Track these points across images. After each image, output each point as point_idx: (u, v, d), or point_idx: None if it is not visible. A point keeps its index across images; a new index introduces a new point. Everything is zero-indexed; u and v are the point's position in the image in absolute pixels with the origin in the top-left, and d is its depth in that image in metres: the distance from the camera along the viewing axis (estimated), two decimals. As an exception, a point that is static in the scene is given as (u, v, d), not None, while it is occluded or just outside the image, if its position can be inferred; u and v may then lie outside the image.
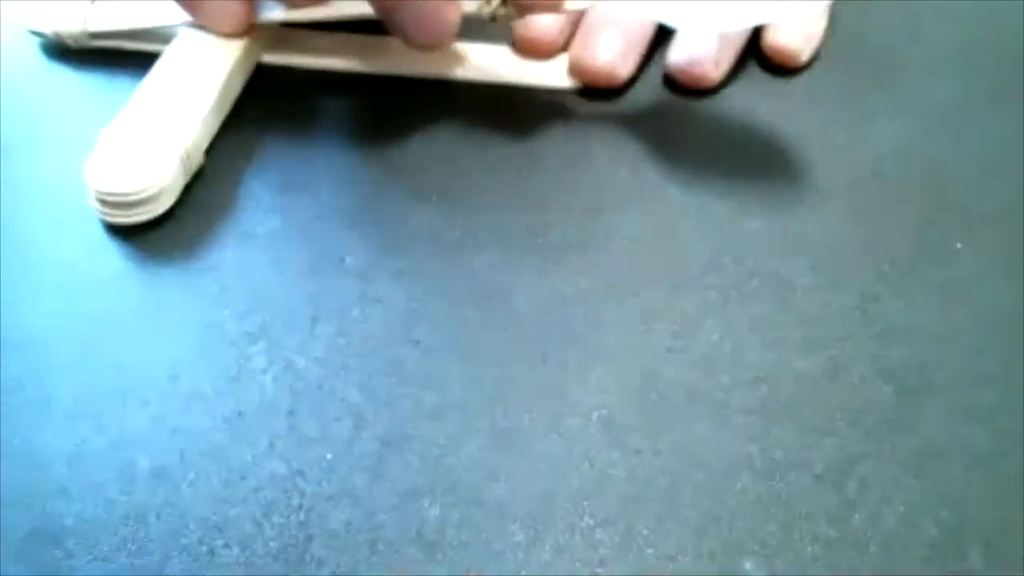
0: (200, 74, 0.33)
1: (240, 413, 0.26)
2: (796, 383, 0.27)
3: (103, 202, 0.30)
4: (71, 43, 0.37)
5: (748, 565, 0.24)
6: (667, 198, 0.33)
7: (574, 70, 0.36)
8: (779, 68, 0.38)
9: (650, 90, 0.37)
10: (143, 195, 0.30)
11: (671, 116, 0.36)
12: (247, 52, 0.35)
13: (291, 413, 0.26)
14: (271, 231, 0.31)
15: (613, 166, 0.34)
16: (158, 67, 0.34)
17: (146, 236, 0.31)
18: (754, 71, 0.38)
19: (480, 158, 0.34)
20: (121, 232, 0.31)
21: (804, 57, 0.37)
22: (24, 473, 0.25)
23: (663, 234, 0.32)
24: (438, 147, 0.34)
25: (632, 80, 0.37)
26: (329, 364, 0.28)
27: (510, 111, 0.36)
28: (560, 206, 0.32)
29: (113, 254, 0.30)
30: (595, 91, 0.36)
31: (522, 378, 0.27)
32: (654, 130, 0.35)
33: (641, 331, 0.29)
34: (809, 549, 0.24)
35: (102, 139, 0.31)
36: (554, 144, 0.34)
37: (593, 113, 0.36)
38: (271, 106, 0.35)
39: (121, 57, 0.37)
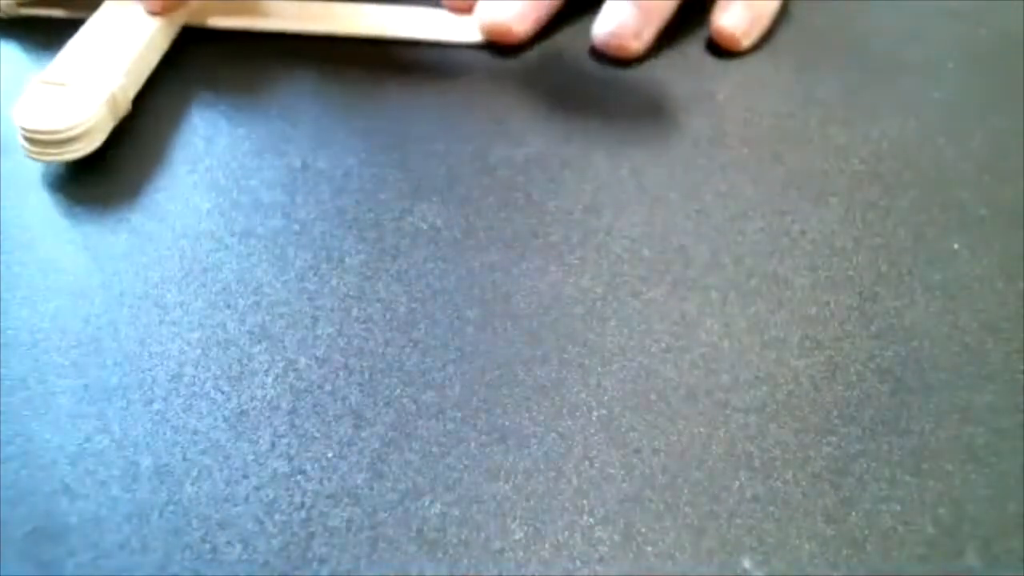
0: (125, 30, 0.36)
1: (242, 412, 0.26)
2: (795, 383, 0.28)
3: (32, 141, 0.32)
4: (0, 14, 0.38)
5: (746, 563, 0.24)
6: (667, 198, 0.33)
7: (480, 27, 0.39)
8: (723, 51, 0.39)
9: (651, 93, 0.37)
10: (71, 133, 0.32)
11: (670, 117, 0.36)
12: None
13: (292, 412, 0.26)
14: (272, 231, 0.31)
15: (613, 166, 0.34)
16: (86, 27, 0.36)
17: (146, 235, 0.31)
18: (753, 71, 0.38)
19: (480, 158, 0.34)
20: (122, 231, 0.31)
21: (747, 42, 0.39)
22: (27, 471, 0.25)
23: (663, 234, 0.32)
24: (438, 147, 0.34)
25: (632, 78, 0.37)
26: (329, 364, 0.28)
27: (511, 111, 0.36)
28: (560, 206, 0.32)
29: (114, 254, 0.30)
30: (598, 90, 0.36)
31: (522, 378, 0.27)
32: (654, 132, 0.35)
33: (641, 331, 0.29)
34: (807, 547, 0.24)
35: (31, 83, 0.33)
36: (554, 145, 0.35)
37: (593, 113, 0.36)
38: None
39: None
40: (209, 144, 0.34)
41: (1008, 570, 0.24)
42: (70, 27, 0.36)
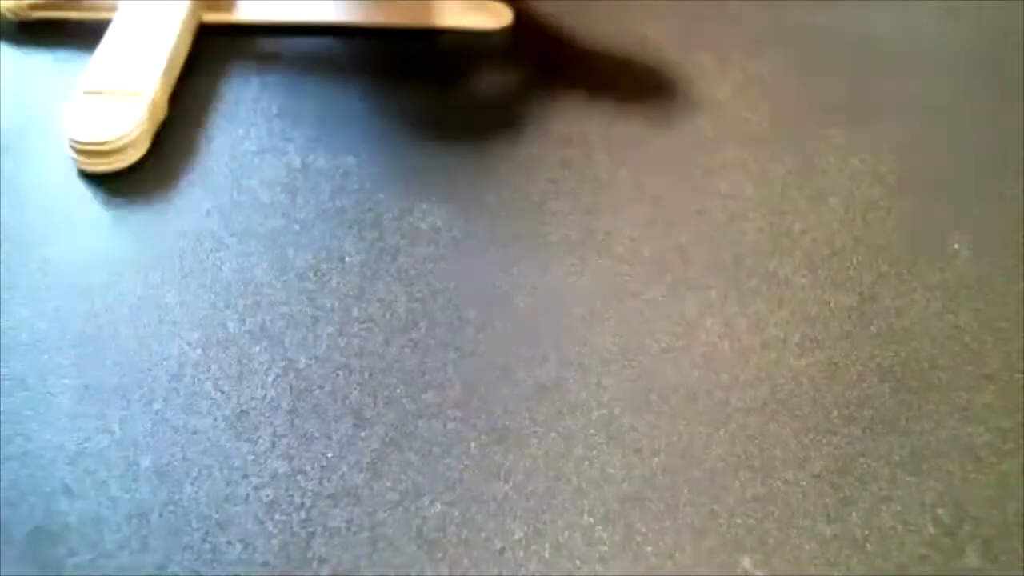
0: (152, 33, 0.36)
1: (242, 412, 0.26)
2: (795, 382, 0.27)
3: (81, 152, 0.32)
4: (11, 16, 0.38)
5: (746, 563, 0.24)
6: (667, 198, 0.33)
7: None
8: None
9: (651, 93, 0.37)
10: (120, 143, 0.32)
11: (671, 117, 0.36)
12: (191, 12, 0.37)
13: (292, 412, 0.26)
14: (272, 231, 0.31)
15: (613, 166, 0.34)
16: (112, 30, 0.36)
17: (147, 235, 0.31)
18: (753, 71, 0.38)
19: (480, 158, 0.34)
20: (122, 231, 0.31)
21: None
22: (27, 471, 0.25)
23: (663, 234, 0.32)
24: (438, 146, 0.34)
25: (632, 77, 0.37)
26: (329, 364, 0.28)
27: (511, 110, 0.36)
28: (560, 206, 0.32)
29: (114, 254, 0.30)
30: (598, 90, 0.36)
31: (522, 378, 0.27)
32: (654, 131, 0.35)
33: (641, 331, 0.29)
34: (807, 547, 0.24)
35: (74, 95, 0.33)
36: (554, 145, 0.35)
37: (593, 113, 0.36)
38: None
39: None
40: (209, 144, 0.34)
41: (1008, 570, 0.24)
42: (83, 29, 0.36)
